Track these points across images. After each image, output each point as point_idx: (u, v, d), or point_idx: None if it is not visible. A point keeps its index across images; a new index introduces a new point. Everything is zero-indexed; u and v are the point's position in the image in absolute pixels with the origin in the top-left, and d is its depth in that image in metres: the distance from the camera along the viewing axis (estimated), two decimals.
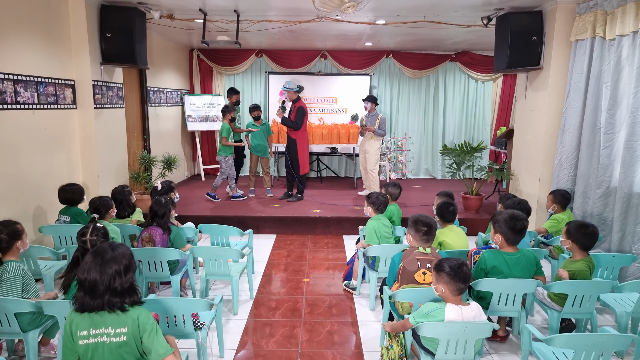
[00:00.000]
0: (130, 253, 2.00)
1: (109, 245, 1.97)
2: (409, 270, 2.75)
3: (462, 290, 2.33)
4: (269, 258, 4.79)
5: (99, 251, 1.93)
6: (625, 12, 3.80)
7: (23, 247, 2.81)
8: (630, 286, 3.03)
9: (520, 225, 2.84)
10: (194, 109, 8.01)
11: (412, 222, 2.91)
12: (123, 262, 1.92)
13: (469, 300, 2.43)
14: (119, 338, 1.88)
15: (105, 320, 1.87)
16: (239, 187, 6.99)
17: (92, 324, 1.87)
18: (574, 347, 2.13)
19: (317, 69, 8.54)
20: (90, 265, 1.87)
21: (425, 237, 2.84)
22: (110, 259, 1.89)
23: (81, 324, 1.87)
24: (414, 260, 2.76)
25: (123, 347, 1.89)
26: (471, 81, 8.60)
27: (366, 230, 3.78)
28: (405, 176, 8.80)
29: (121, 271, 1.89)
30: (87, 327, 1.87)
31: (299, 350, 3.01)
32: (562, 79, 4.66)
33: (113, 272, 1.87)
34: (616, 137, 3.97)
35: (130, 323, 1.89)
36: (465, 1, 4.69)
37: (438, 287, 2.36)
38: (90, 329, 1.87)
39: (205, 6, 5.06)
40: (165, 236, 3.55)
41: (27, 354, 2.56)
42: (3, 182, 3.75)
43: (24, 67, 3.97)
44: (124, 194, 4.14)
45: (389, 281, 3.01)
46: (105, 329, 1.87)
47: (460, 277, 2.29)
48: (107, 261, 1.88)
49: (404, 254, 2.89)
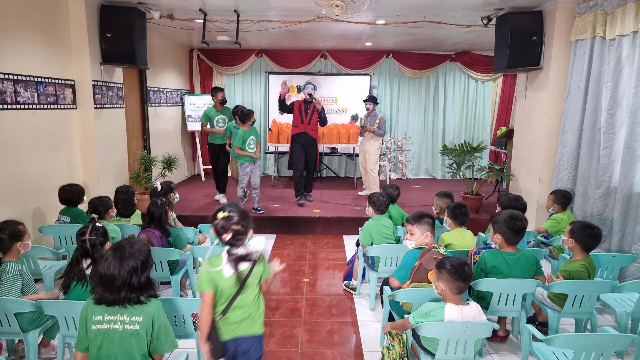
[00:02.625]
0: (148, 249, 2.08)
1: (128, 242, 2.04)
2: (426, 269, 2.74)
3: (462, 290, 2.33)
4: (269, 258, 4.79)
5: (118, 247, 2.00)
6: (625, 12, 3.80)
7: (24, 248, 2.79)
8: (630, 286, 3.02)
9: (519, 225, 2.85)
10: (194, 109, 8.01)
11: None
12: (140, 258, 1.99)
13: (468, 300, 2.43)
14: (133, 326, 1.93)
15: (121, 310, 1.94)
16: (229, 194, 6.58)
17: (107, 311, 1.93)
18: (574, 347, 2.13)
19: (317, 69, 8.54)
20: (110, 261, 1.95)
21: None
22: (128, 255, 1.97)
23: (97, 310, 1.94)
24: (431, 259, 2.74)
25: (134, 337, 1.93)
26: (471, 81, 8.60)
27: (362, 229, 3.79)
28: (405, 176, 8.80)
29: (138, 267, 1.97)
30: (102, 312, 1.93)
31: (299, 350, 3.01)
32: (562, 79, 4.66)
33: (130, 268, 1.94)
34: (616, 137, 3.97)
35: (146, 314, 1.95)
36: (465, 1, 4.69)
37: (438, 285, 2.36)
38: (105, 315, 1.93)
39: (205, 6, 5.06)
40: (164, 238, 3.54)
41: (27, 354, 2.56)
42: (3, 182, 3.75)
43: (24, 67, 3.97)
44: (129, 194, 4.14)
45: (401, 278, 2.95)
46: (120, 316, 1.93)
47: (461, 276, 2.29)
48: (126, 257, 1.96)
49: (422, 253, 2.88)
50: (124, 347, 1.92)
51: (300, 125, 6.22)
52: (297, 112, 6.23)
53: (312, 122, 6.23)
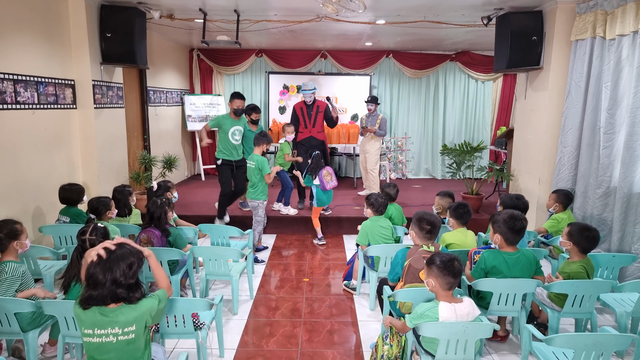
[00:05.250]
0: (137, 250, 2.02)
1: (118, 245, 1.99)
2: (416, 268, 2.74)
3: (453, 285, 2.32)
4: (269, 258, 4.79)
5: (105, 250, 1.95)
6: (625, 12, 3.80)
7: (21, 247, 2.77)
8: (630, 286, 3.02)
9: (519, 225, 2.84)
10: (194, 109, 8.01)
11: (416, 220, 2.93)
12: (127, 260, 1.94)
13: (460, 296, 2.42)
14: (127, 336, 1.90)
15: (111, 320, 1.87)
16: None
17: (97, 324, 1.86)
18: (574, 347, 2.13)
19: (317, 69, 8.54)
20: (96, 264, 1.90)
21: (429, 235, 2.87)
22: (114, 258, 1.92)
23: (86, 322, 1.87)
24: (420, 258, 2.75)
25: (131, 344, 1.92)
26: (471, 81, 8.60)
27: (360, 230, 3.79)
28: (405, 176, 8.80)
29: (124, 268, 1.91)
30: (91, 326, 1.87)
31: (299, 350, 3.01)
32: (562, 79, 4.66)
33: (117, 269, 1.90)
34: (616, 137, 3.97)
35: (139, 320, 1.92)
36: (465, 1, 4.69)
37: (429, 282, 2.36)
38: (95, 329, 1.86)
39: (205, 6, 5.06)
40: (164, 238, 3.54)
41: (27, 354, 2.56)
42: (3, 182, 3.75)
43: (24, 67, 3.97)
44: (124, 194, 4.14)
45: (391, 277, 2.99)
46: (112, 329, 1.87)
47: (450, 271, 2.29)
48: (112, 260, 1.91)
49: (409, 252, 2.88)
50: (122, 353, 1.91)
51: (304, 130, 5.91)
52: (300, 116, 5.88)
53: (317, 124, 5.91)
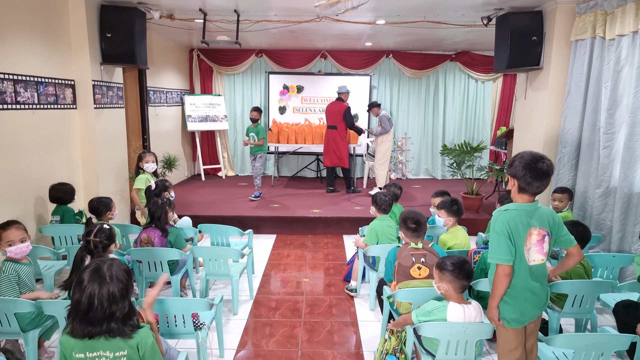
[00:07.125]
0: (127, 268, 1.88)
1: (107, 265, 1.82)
2: (405, 266, 2.77)
3: (465, 288, 2.34)
4: (269, 258, 4.79)
5: (95, 270, 1.79)
6: (625, 12, 3.80)
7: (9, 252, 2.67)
8: (630, 286, 3.03)
9: (543, 167, 2.05)
10: (194, 109, 8.02)
11: (401, 221, 2.94)
12: (120, 284, 1.79)
13: (469, 299, 2.43)
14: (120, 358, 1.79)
15: (102, 345, 1.77)
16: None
17: (88, 348, 1.77)
18: (574, 347, 2.13)
19: (317, 69, 8.54)
20: (87, 286, 1.74)
21: (415, 233, 2.87)
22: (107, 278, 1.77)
23: (76, 347, 1.77)
24: (408, 255, 2.78)
25: None
26: (471, 81, 8.60)
27: (368, 229, 3.77)
28: (405, 176, 8.80)
29: (117, 295, 1.76)
30: (82, 350, 1.77)
31: (299, 350, 3.01)
32: (562, 79, 4.66)
33: (110, 295, 1.75)
34: (616, 137, 3.97)
35: (130, 346, 1.79)
36: (465, 1, 4.69)
37: (441, 286, 2.35)
38: (87, 352, 1.77)
39: (205, 6, 5.06)
40: (164, 238, 3.54)
41: (27, 354, 2.56)
42: (3, 182, 3.75)
43: (24, 67, 3.97)
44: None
45: (387, 278, 3.00)
46: (103, 352, 1.77)
47: (464, 275, 2.30)
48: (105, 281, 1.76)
49: (398, 251, 2.89)
50: None
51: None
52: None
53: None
